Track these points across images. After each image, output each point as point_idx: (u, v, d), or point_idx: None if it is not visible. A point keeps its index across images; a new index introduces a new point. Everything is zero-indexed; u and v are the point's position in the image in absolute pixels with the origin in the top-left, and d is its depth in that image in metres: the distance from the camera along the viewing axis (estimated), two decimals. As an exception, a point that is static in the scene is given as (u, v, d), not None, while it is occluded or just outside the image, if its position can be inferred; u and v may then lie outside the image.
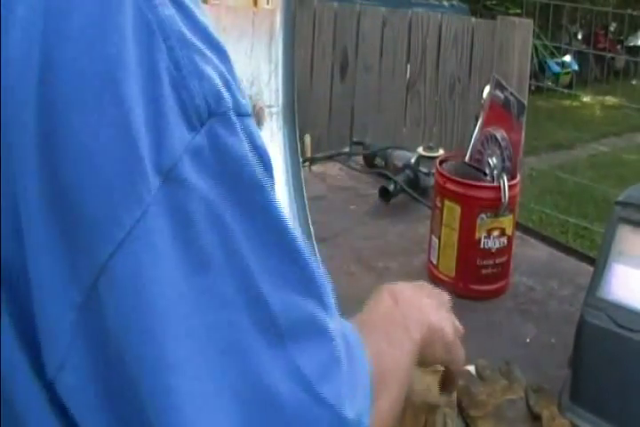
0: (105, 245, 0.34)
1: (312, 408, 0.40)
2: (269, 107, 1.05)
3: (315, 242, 1.02)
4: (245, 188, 0.38)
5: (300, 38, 2.73)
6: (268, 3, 1.03)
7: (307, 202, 1.03)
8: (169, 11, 0.36)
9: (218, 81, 0.37)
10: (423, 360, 0.64)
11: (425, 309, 0.69)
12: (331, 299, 0.45)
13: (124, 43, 0.34)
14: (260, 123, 1.05)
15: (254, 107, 1.03)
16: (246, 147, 0.38)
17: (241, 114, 0.39)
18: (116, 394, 0.37)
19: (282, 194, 1.05)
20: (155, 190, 0.35)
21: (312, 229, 1.02)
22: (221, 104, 0.37)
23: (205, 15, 0.39)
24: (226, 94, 0.37)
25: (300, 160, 1.06)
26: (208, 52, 0.38)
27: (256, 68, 1.04)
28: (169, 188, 0.35)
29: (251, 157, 0.39)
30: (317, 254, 1.00)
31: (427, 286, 0.79)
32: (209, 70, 0.37)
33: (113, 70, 0.34)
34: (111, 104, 0.34)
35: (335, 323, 0.44)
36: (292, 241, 0.41)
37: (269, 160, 0.42)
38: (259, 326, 0.38)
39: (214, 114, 0.37)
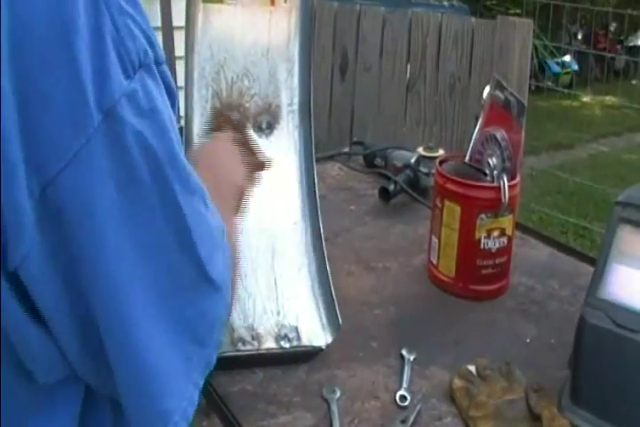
0: (57, 161, 0.44)
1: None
2: (288, 105, 1.05)
3: (322, 239, 1.02)
4: (162, 120, 0.49)
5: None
6: (285, 1, 1.03)
7: (318, 201, 1.03)
8: None
9: (144, 40, 0.48)
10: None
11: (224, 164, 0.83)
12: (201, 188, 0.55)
13: (76, 10, 0.44)
14: (276, 121, 1.05)
15: (270, 105, 1.04)
16: (163, 89, 0.51)
17: (159, 62, 0.51)
18: (71, 279, 0.48)
19: (295, 192, 1.05)
20: (97, 124, 0.45)
21: (322, 228, 1.02)
22: (147, 58, 0.48)
23: None
24: (149, 50, 0.49)
25: (314, 160, 1.06)
26: (137, 17, 0.48)
27: (273, 66, 1.04)
28: (109, 122, 0.45)
29: (164, 95, 0.51)
30: (325, 250, 1.01)
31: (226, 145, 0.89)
32: (138, 32, 0.48)
33: (67, 33, 0.44)
34: (66, 61, 0.44)
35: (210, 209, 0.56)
36: (184, 166, 0.52)
37: (177, 96, 0.56)
38: (173, 227, 0.50)
39: (142, 65, 0.48)
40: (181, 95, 0.70)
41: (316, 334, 0.96)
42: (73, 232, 0.46)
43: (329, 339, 0.95)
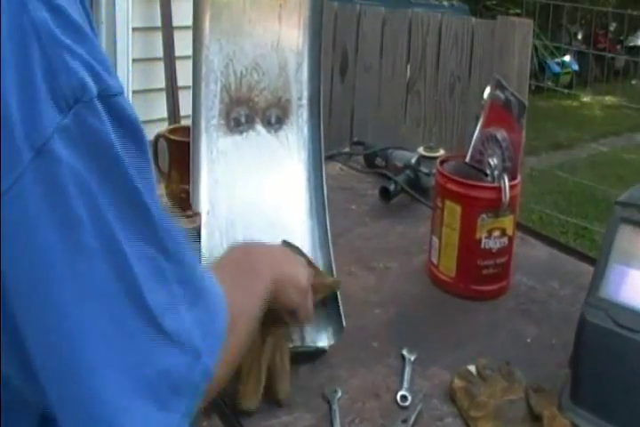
0: None
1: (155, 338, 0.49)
2: (298, 99, 1.04)
3: (329, 237, 1.01)
4: (106, 161, 0.46)
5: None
6: None
7: (326, 199, 1.03)
8: (42, 14, 0.43)
9: (82, 72, 0.44)
10: (277, 302, 0.76)
11: (278, 258, 0.81)
12: (180, 246, 0.52)
13: None
14: (285, 116, 1.04)
15: (279, 99, 1.03)
16: (108, 127, 0.46)
17: (110, 95, 0.46)
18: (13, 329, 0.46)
19: (303, 188, 1.05)
20: (28, 161, 0.42)
21: (328, 225, 1.02)
22: (86, 93, 0.44)
23: (79, 11, 0.46)
24: (90, 84, 0.45)
25: (323, 156, 1.05)
26: (77, 47, 0.45)
27: (283, 60, 1.03)
28: (41, 160, 0.42)
29: (110, 134, 0.46)
30: (331, 248, 1.00)
31: (284, 248, 0.90)
32: (76, 65, 0.44)
33: None
34: None
35: (185, 268, 0.53)
36: (144, 207, 0.48)
37: (141, 130, 0.49)
38: (115, 274, 0.46)
39: (80, 101, 0.44)
40: (186, 93, 0.70)
41: (319, 334, 0.95)
42: (7, 281, 0.44)
43: (332, 340, 0.95)
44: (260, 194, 1.02)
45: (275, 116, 1.04)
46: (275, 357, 0.85)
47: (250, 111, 1.02)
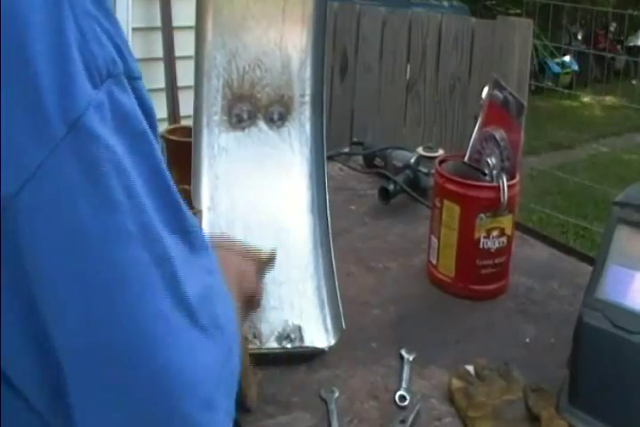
0: (19, 172, 0.39)
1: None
2: (300, 97, 1.04)
3: (330, 235, 1.01)
4: (135, 138, 0.44)
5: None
6: None
7: (327, 195, 1.03)
8: None
9: (111, 48, 0.43)
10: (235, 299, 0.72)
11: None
12: (197, 232, 0.50)
13: (32, 8, 0.39)
14: (288, 113, 1.04)
15: (282, 96, 1.02)
16: (135, 104, 0.45)
17: (132, 77, 0.45)
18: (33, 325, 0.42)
19: (304, 186, 1.04)
20: (61, 136, 0.39)
21: (329, 222, 1.02)
22: (116, 67, 0.43)
23: None
24: (118, 60, 0.43)
25: (325, 153, 1.05)
26: (105, 22, 0.43)
27: (286, 56, 1.02)
28: (76, 135, 0.40)
29: (139, 112, 0.45)
30: (332, 248, 1.00)
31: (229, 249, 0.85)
32: (105, 38, 0.43)
33: (20, 32, 0.39)
34: (18, 63, 0.39)
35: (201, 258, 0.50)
36: (171, 192, 0.47)
37: (154, 117, 0.48)
38: (158, 262, 0.44)
39: (111, 75, 0.42)
40: (186, 93, 0.69)
41: (319, 335, 0.95)
42: (42, 264, 0.41)
43: (332, 341, 0.94)
44: (261, 190, 1.02)
45: (277, 113, 1.03)
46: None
47: (252, 108, 1.02)
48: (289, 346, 0.93)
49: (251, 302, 0.82)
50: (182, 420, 0.45)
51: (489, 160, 1.10)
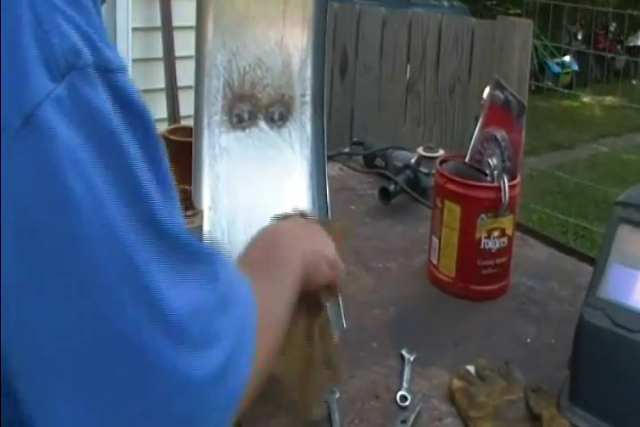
0: None
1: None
2: (301, 96, 1.04)
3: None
4: (102, 135, 0.40)
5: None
6: None
7: (328, 196, 1.03)
8: None
9: (77, 38, 0.40)
10: (311, 280, 0.70)
11: (303, 239, 0.75)
12: (189, 240, 0.46)
13: None
14: (289, 113, 1.04)
15: (283, 96, 1.02)
16: (106, 100, 0.41)
17: (107, 69, 0.42)
18: None
19: (305, 186, 1.04)
20: (15, 130, 0.37)
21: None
22: (80, 60, 0.40)
23: None
24: (85, 51, 0.40)
25: (326, 153, 1.05)
26: (72, 14, 0.40)
27: (287, 57, 1.02)
28: (31, 129, 0.37)
29: (108, 107, 0.41)
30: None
31: (304, 221, 0.82)
32: (69, 28, 0.40)
33: None
34: None
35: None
36: (141, 182, 0.43)
37: (143, 110, 0.44)
38: (123, 269, 0.40)
39: (74, 68, 0.39)
40: (186, 93, 0.69)
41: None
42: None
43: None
44: (261, 190, 1.01)
45: (278, 113, 1.03)
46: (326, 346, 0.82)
47: (253, 108, 1.01)
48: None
49: (329, 288, 0.78)
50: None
51: (490, 160, 1.09)
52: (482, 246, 1.07)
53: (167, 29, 3.04)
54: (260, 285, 0.58)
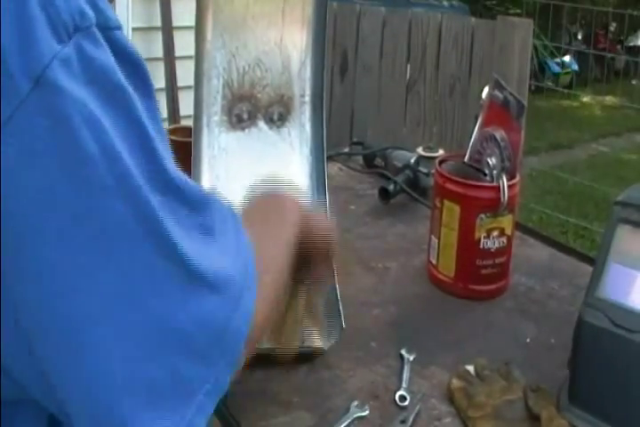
0: None
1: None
2: (300, 97, 1.04)
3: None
4: (110, 91, 0.42)
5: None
6: None
7: (328, 196, 1.03)
8: None
9: (81, 1, 0.42)
10: (305, 239, 0.71)
11: (295, 202, 0.75)
12: (190, 189, 0.48)
13: None
14: (288, 113, 1.04)
15: (282, 96, 1.02)
16: (110, 58, 0.43)
17: (108, 27, 0.43)
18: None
19: (304, 186, 1.04)
20: (26, 91, 0.39)
21: None
22: (85, 20, 0.41)
23: None
24: (89, 11, 0.42)
25: (325, 153, 1.05)
26: None
27: (286, 57, 1.02)
28: (42, 90, 0.39)
29: (113, 65, 0.43)
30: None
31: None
32: None
33: None
34: None
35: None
36: (148, 135, 0.45)
37: (143, 67, 0.47)
38: (134, 212, 0.42)
39: (79, 29, 0.41)
40: (186, 93, 0.69)
41: (319, 334, 0.95)
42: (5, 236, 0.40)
43: (332, 340, 0.94)
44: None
45: (277, 113, 1.03)
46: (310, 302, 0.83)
47: (252, 108, 1.01)
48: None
49: (325, 256, 0.78)
50: (172, 374, 0.45)
51: (489, 160, 1.09)
52: (481, 246, 1.07)
53: (167, 29, 3.04)
54: (261, 236, 0.60)
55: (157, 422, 0.44)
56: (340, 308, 0.95)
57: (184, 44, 2.81)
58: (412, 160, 1.50)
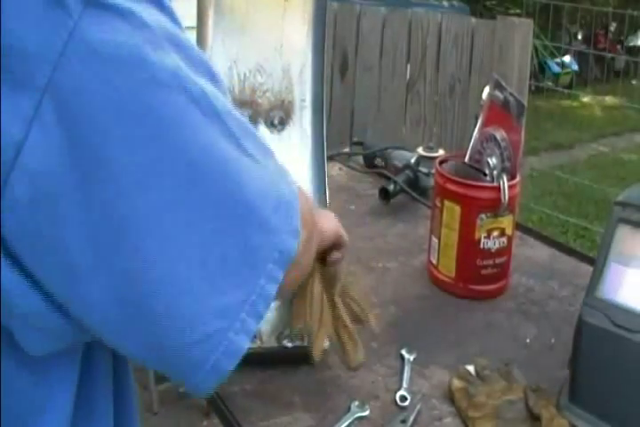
0: (42, 66, 0.39)
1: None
2: (301, 101, 1.04)
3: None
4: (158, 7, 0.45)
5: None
6: None
7: (328, 200, 1.03)
8: None
9: None
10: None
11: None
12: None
13: None
14: (288, 117, 1.04)
15: (283, 101, 1.02)
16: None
17: None
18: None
19: (305, 190, 1.04)
20: (79, 12, 0.40)
21: None
22: None
23: None
24: None
25: (325, 158, 1.05)
26: None
27: (286, 61, 1.02)
28: (93, 9, 0.40)
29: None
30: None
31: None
32: None
33: None
34: None
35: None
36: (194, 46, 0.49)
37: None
38: (192, 99, 0.45)
39: None
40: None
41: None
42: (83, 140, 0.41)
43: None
44: None
45: (278, 118, 1.04)
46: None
47: (253, 113, 1.02)
48: (289, 345, 0.93)
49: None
50: (244, 245, 0.47)
51: (489, 160, 1.10)
52: (481, 246, 1.07)
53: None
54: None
55: (232, 292, 0.47)
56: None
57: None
58: (412, 160, 1.50)
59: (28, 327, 0.46)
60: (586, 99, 7.33)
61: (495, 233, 1.07)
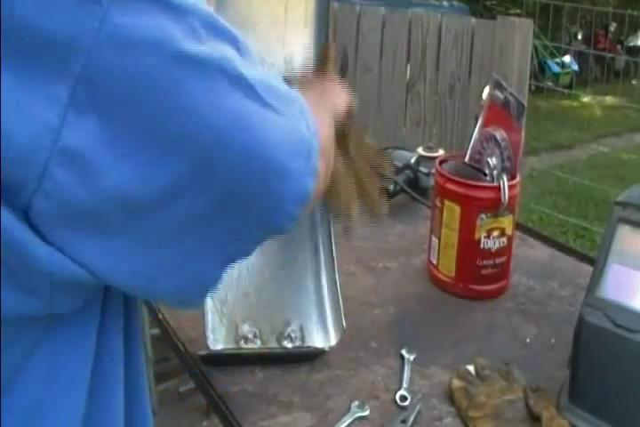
0: (76, 55, 0.41)
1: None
2: None
3: (332, 235, 1.01)
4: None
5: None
6: None
7: None
8: None
9: None
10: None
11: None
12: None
13: None
14: None
15: None
16: None
17: None
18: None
19: None
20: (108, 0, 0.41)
21: (330, 222, 1.01)
22: None
23: None
24: None
25: None
26: None
27: (289, 54, 1.02)
28: None
29: None
30: (334, 248, 1.00)
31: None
32: None
33: None
34: None
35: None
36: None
37: None
38: (210, 53, 0.48)
39: None
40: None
41: (320, 335, 0.95)
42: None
43: (333, 341, 0.94)
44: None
45: None
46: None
47: None
48: (289, 346, 0.93)
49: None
50: (262, 191, 0.49)
51: (489, 160, 1.10)
52: (481, 246, 1.07)
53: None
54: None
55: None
56: (342, 308, 0.95)
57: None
58: (412, 160, 1.50)
59: (54, 285, 0.46)
60: (586, 99, 7.33)
61: (495, 233, 1.07)
